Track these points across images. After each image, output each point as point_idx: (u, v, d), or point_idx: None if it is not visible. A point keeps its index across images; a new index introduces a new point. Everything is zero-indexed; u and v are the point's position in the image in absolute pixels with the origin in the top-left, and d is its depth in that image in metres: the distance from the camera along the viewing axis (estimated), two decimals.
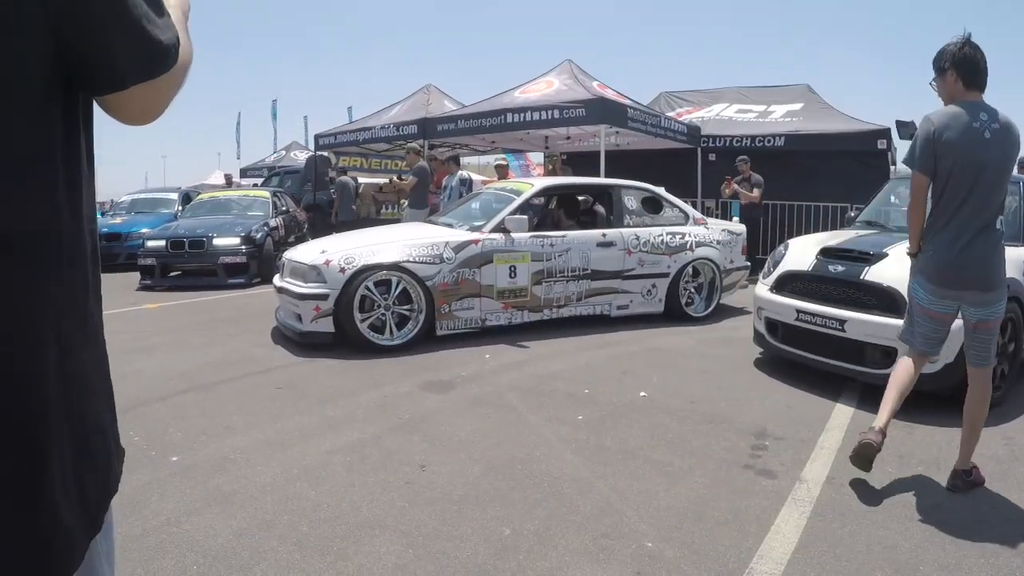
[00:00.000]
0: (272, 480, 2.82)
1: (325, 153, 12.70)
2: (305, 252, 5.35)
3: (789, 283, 4.46)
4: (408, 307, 5.10)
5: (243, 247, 8.68)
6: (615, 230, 6.07)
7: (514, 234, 5.48)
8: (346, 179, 11.24)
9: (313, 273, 4.95)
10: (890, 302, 3.83)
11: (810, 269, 4.33)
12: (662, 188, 6.85)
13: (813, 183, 9.81)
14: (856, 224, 5.26)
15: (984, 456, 3.00)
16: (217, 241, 8.63)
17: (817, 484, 2.86)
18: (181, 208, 11.68)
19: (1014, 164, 2.85)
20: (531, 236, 5.61)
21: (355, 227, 7.39)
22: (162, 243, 8.59)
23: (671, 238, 6.26)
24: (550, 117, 8.25)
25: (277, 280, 5.46)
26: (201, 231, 8.77)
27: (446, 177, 9.01)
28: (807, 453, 3.21)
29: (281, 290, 5.24)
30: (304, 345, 5.03)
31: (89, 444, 0.82)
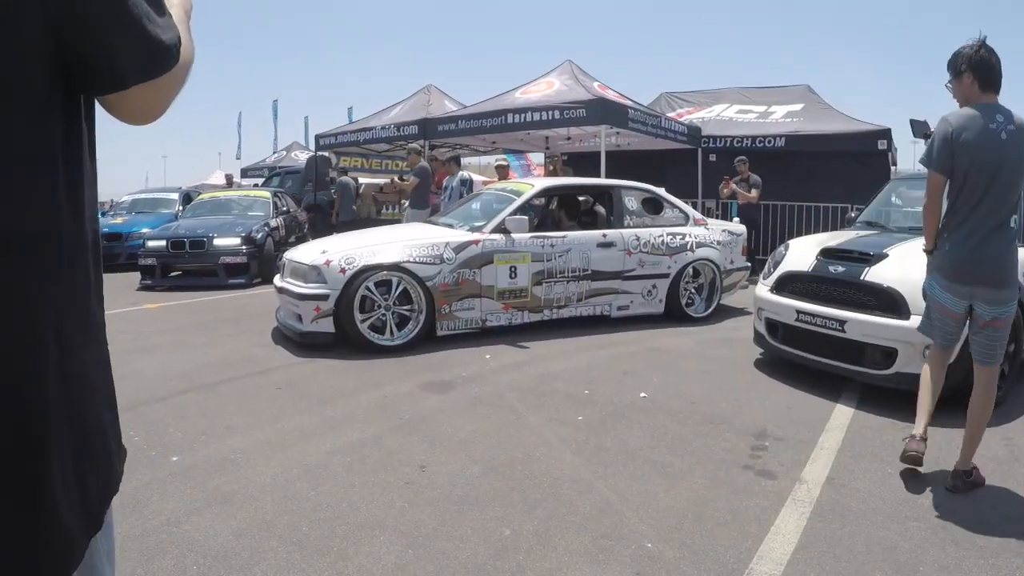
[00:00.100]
0: (272, 480, 2.83)
1: (326, 153, 12.70)
2: (306, 252, 5.36)
3: (789, 284, 4.46)
4: (408, 307, 5.10)
5: (244, 247, 8.69)
6: (615, 231, 6.07)
7: (514, 235, 5.48)
8: (347, 179, 11.24)
9: (313, 273, 4.95)
10: (890, 303, 3.83)
11: (810, 270, 4.33)
12: (662, 189, 6.86)
13: (813, 183, 9.83)
14: (856, 225, 5.27)
15: (984, 457, 3.00)
16: (218, 241, 8.64)
17: (817, 485, 2.86)
18: (182, 208, 11.70)
19: None
20: (531, 237, 5.62)
21: (356, 227, 7.39)
22: (163, 243, 8.60)
23: (671, 239, 6.26)
24: (551, 118, 8.25)
25: (277, 280, 5.46)
26: (202, 231, 8.78)
27: (447, 178, 9.02)
28: (807, 454, 3.21)
29: (281, 290, 5.24)
30: (304, 345, 5.04)
31: (90, 444, 0.82)
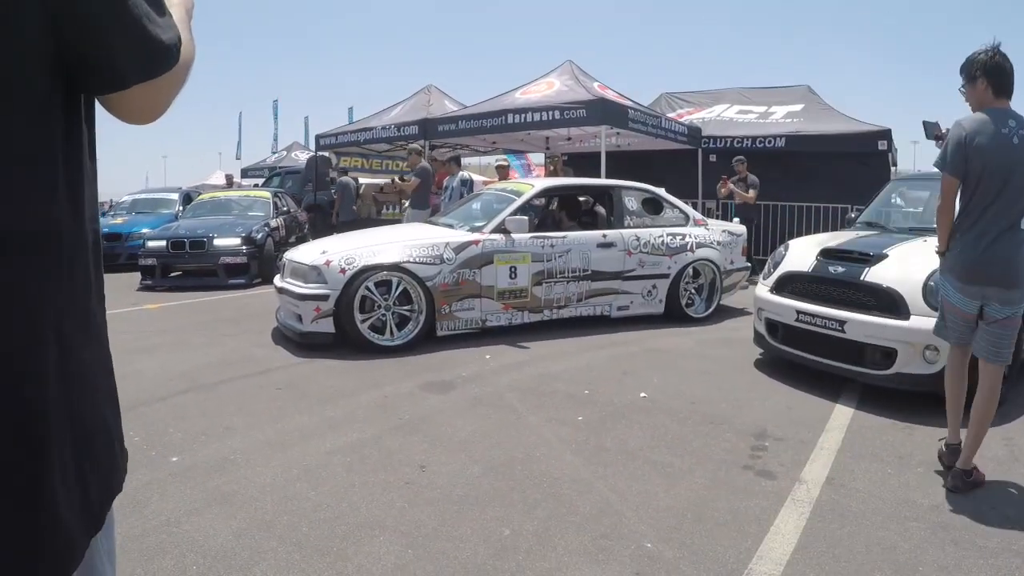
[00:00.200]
0: (272, 480, 2.83)
1: (326, 153, 12.70)
2: (306, 253, 5.36)
3: (789, 284, 4.46)
4: (408, 308, 5.10)
5: (244, 247, 8.69)
6: (615, 231, 6.07)
7: (514, 235, 5.49)
8: (347, 179, 11.24)
9: (314, 274, 4.95)
10: (890, 303, 3.83)
11: (810, 270, 4.33)
12: (662, 189, 6.86)
13: (813, 184, 9.83)
14: (856, 225, 5.27)
15: (984, 457, 2.99)
16: (218, 241, 8.64)
17: (817, 485, 2.86)
18: (182, 208, 11.69)
19: None
20: (531, 237, 5.62)
21: (356, 227, 7.39)
22: (163, 243, 8.61)
23: (671, 239, 6.26)
24: (551, 118, 8.25)
25: (278, 280, 5.46)
26: (202, 231, 8.78)
27: (447, 178, 9.03)
28: (807, 454, 3.21)
29: (282, 290, 5.25)
30: (304, 345, 5.04)
31: (91, 443, 0.82)
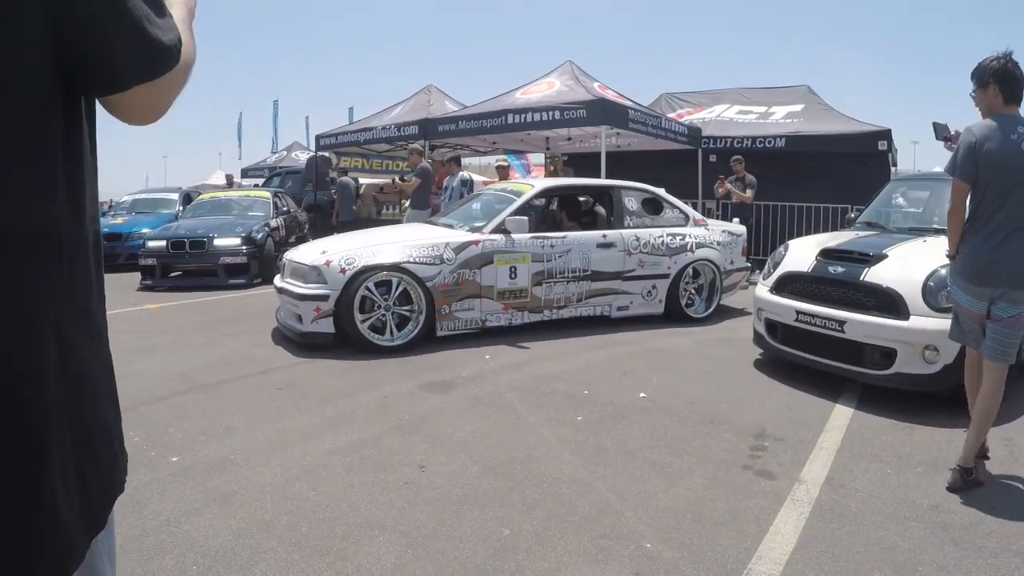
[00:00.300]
0: (272, 480, 2.83)
1: (326, 153, 12.70)
2: (306, 253, 5.36)
3: (789, 284, 4.46)
4: (408, 308, 5.10)
5: (244, 247, 8.69)
6: (615, 231, 6.07)
7: (514, 235, 5.49)
8: (347, 180, 11.24)
9: (314, 274, 4.96)
10: (889, 303, 3.83)
11: (810, 270, 4.33)
12: (662, 189, 6.86)
13: (813, 184, 9.84)
14: (856, 225, 5.27)
15: None
16: (218, 241, 8.64)
17: (816, 485, 2.86)
18: (182, 208, 11.69)
19: None
20: (531, 237, 5.62)
21: (356, 228, 7.39)
22: (163, 243, 8.61)
23: (671, 239, 6.26)
24: (551, 118, 8.26)
25: (278, 281, 5.46)
26: (202, 231, 8.78)
27: (447, 178, 9.02)
28: (806, 454, 3.21)
29: (282, 291, 5.25)
30: (304, 346, 5.04)
31: (91, 443, 0.82)
